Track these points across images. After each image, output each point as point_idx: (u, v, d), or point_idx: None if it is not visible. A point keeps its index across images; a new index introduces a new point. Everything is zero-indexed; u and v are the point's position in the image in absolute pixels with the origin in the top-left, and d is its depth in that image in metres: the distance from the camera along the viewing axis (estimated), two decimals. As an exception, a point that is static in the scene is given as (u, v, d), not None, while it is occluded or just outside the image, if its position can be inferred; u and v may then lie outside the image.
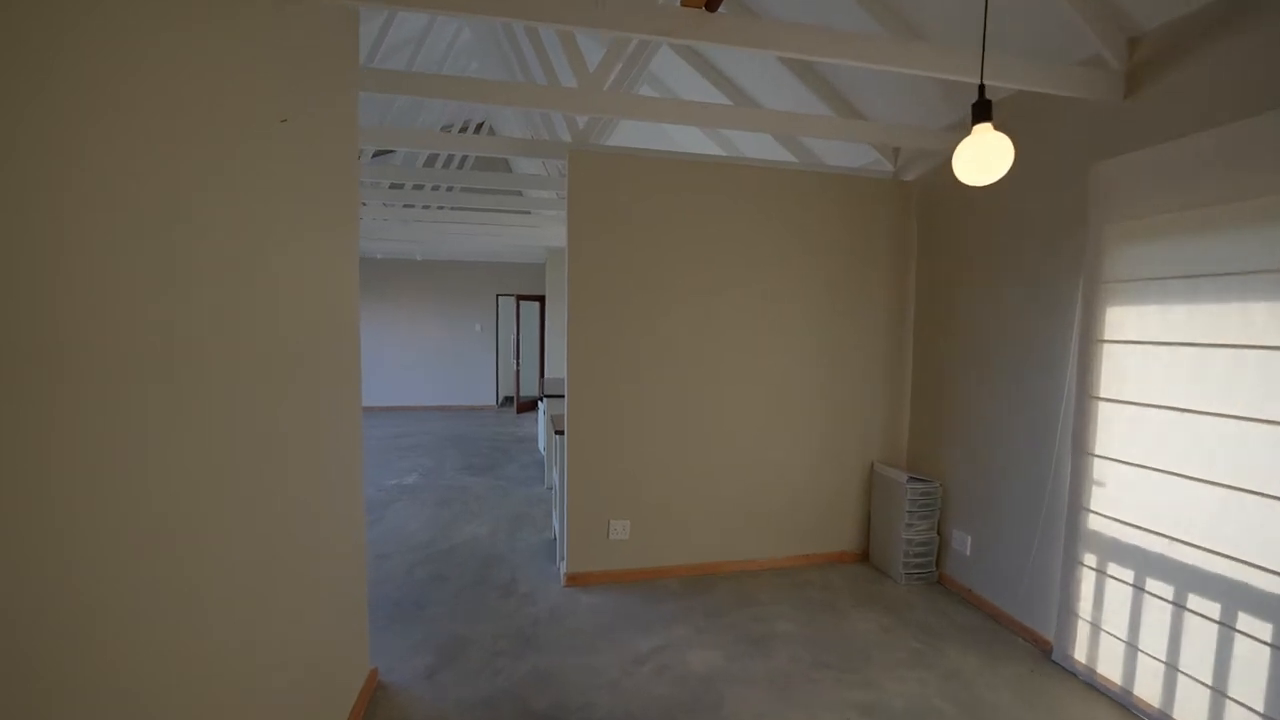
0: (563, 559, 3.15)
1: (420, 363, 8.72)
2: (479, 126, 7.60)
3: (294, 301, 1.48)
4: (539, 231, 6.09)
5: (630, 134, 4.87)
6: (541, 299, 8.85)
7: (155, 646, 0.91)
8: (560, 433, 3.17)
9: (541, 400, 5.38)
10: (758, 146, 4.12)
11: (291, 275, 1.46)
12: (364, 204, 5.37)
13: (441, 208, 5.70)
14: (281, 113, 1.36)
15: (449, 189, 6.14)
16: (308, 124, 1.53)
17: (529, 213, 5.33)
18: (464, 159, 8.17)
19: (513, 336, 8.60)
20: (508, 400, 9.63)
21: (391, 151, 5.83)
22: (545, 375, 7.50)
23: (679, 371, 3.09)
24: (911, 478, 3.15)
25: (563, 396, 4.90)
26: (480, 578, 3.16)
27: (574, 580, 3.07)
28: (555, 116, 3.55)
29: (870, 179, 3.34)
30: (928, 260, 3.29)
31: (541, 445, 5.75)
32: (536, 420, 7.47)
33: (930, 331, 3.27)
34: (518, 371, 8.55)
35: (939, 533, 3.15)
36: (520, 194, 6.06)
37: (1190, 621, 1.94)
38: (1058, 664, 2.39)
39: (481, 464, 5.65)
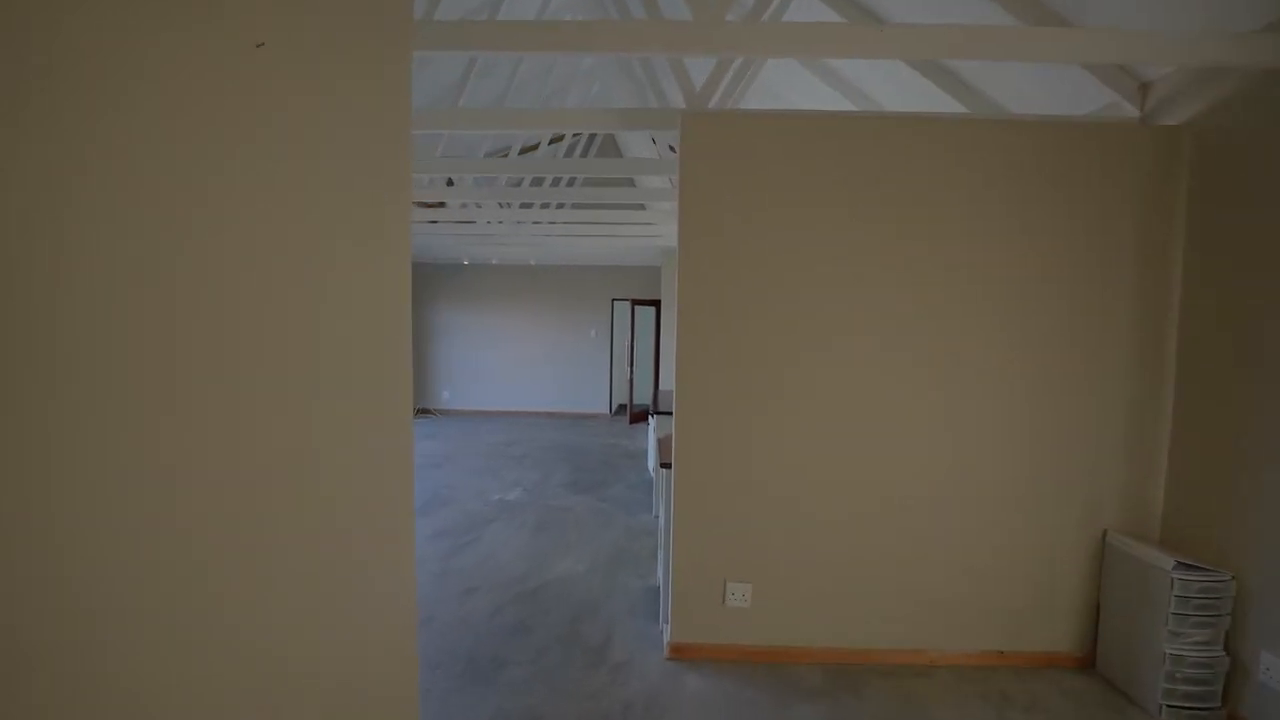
0: (666, 622, 2.55)
1: (535, 368, 8.66)
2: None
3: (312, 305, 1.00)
4: (654, 228, 5.58)
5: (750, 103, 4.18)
6: (657, 303, 8.37)
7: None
8: (667, 466, 2.57)
9: (652, 415, 4.85)
10: (906, 99, 3.20)
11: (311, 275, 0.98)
12: (478, 205, 5.23)
13: (561, 206, 5.41)
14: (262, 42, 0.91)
15: (564, 192, 5.89)
16: (340, 96, 1.02)
17: (643, 206, 4.83)
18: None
19: (627, 342, 8.22)
20: (621, 409, 9.28)
21: (504, 155, 5.71)
22: (659, 386, 6.98)
23: (822, 400, 2.35)
24: (1182, 563, 2.11)
25: (665, 413, 4.33)
26: (570, 633, 2.65)
27: (679, 653, 2.45)
28: (666, 84, 2.99)
29: (1107, 127, 2.35)
30: (1208, 249, 2.21)
31: (651, 464, 5.21)
32: (648, 433, 6.99)
33: (1210, 352, 2.19)
34: (631, 379, 8.15)
35: (1229, 650, 2.08)
36: (632, 182, 5.60)
37: None
38: None
39: (587, 481, 5.25)
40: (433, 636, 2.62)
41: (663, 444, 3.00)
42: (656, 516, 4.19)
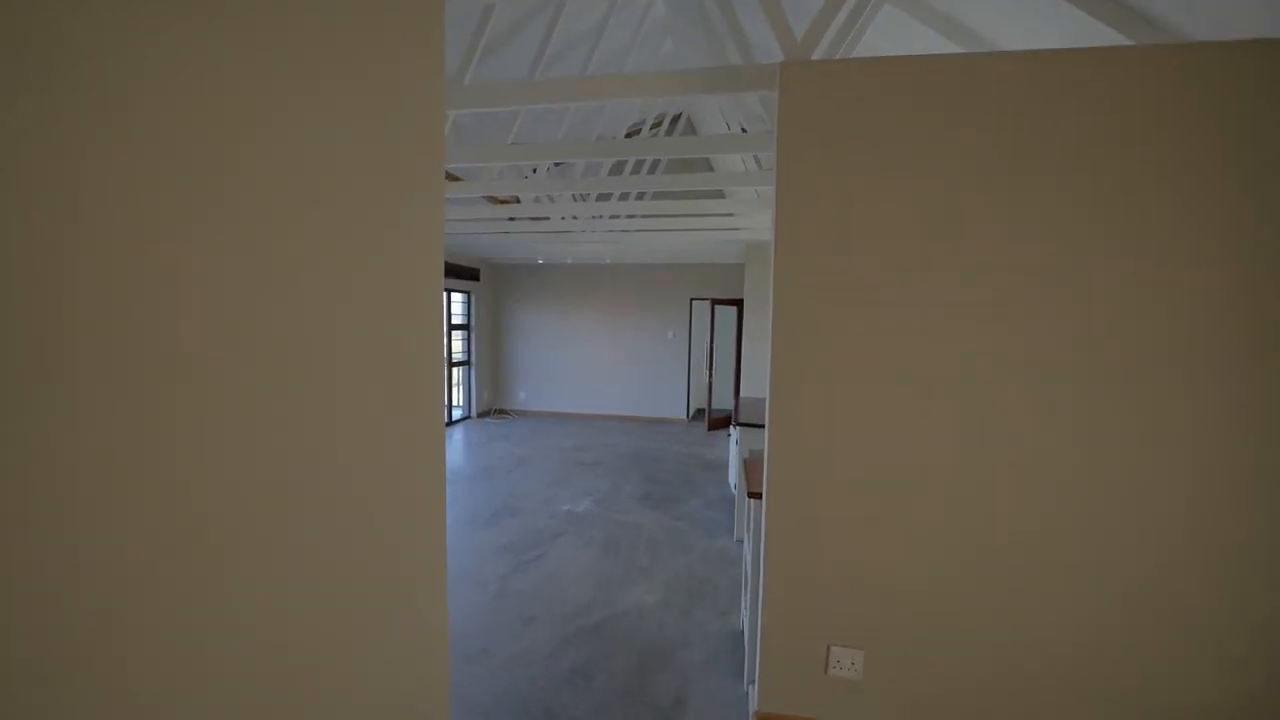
0: (752, 683, 2.11)
1: (610, 370, 8.41)
2: (675, 119, 6.93)
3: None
4: (736, 220, 5.10)
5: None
6: (739, 303, 7.85)
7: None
8: (756, 496, 2.13)
9: (734, 426, 4.38)
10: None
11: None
12: (551, 199, 5.01)
13: (641, 196, 5.09)
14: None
15: (643, 180, 5.55)
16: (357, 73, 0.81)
17: (722, 194, 4.38)
18: (655, 162, 7.60)
19: (706, 344, 7.76)
20: (698, 414, 8.84)
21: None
22: (740, 394, 6.47)
23: (969, 422, 1.81)
24: None
25: (760, 426, 3.84)
26: (636, 686, 2.27)
27: (768, 727, 2.00)
28: (754, 37, 2.53)
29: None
30: None
31: (733, 480, 4.74)
32: (728, 443, 6.49)
33: None
34: (710, 384, 7.68)
35: None
36: (709, 165, 5.15)
37: None
38: None
39: (662, 495, 4.86)
40: (485, 675, 2.33)
41: (749, 467, 2.55)
42: (740, 542, 3.72)
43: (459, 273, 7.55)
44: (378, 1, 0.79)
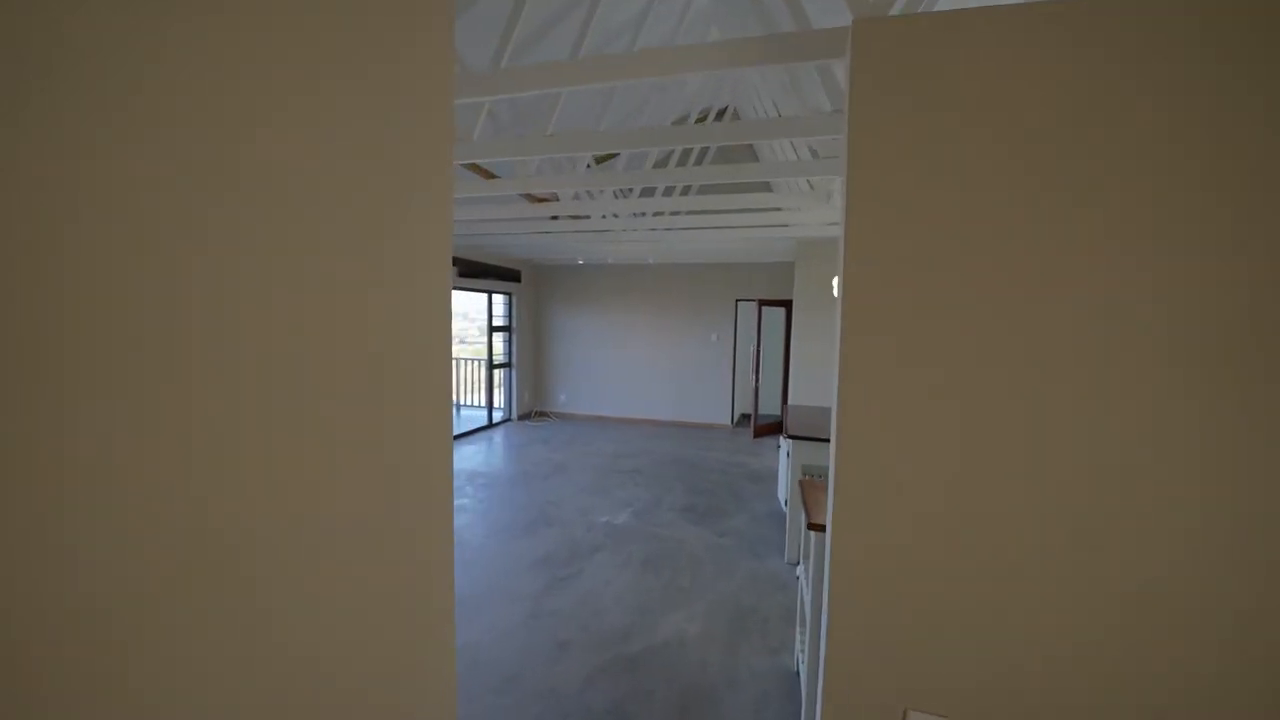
0: (811, 742, 1.83)
1: (652, 374, 8.18)
2: (721, 113, 6.65)
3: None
4: (786, 216, 4.79)
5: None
6: (787, 304, 7.49)
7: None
8: (817, 528, 1.85)
9: (785, 438, 4.07)
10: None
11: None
12: (591, 194, 4.83)
13: (685, 191, 4.83)
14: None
15: (690, 172, 5.31)
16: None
17: (767, 186, 4.09)
18: (702, 152, 7.34)
19: (753, 348, 7.43)
20: (743, 420, 8.50)
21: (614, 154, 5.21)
22: (789, 400, 6.11)
23: (1085, 444, 1.47)
24: None
25: (815, 440, 3.53)
26: (677, 733, 2.03)
27: (832, 798, 1.71)
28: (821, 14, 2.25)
29: None
30: None
31: (783, 494, 4.43)
32: (777, 452, 6.16)
33: None
34: (757, 389, 7.34)
35: None
36: (752, 149, 4.86)
37: None
38: None
39: (705, 506, 4.59)
40: (512, 709, 2.14)
41: (806, 491, 2.26)
42: (793, 565, 3.42)
43: (500, 274, 7.49)
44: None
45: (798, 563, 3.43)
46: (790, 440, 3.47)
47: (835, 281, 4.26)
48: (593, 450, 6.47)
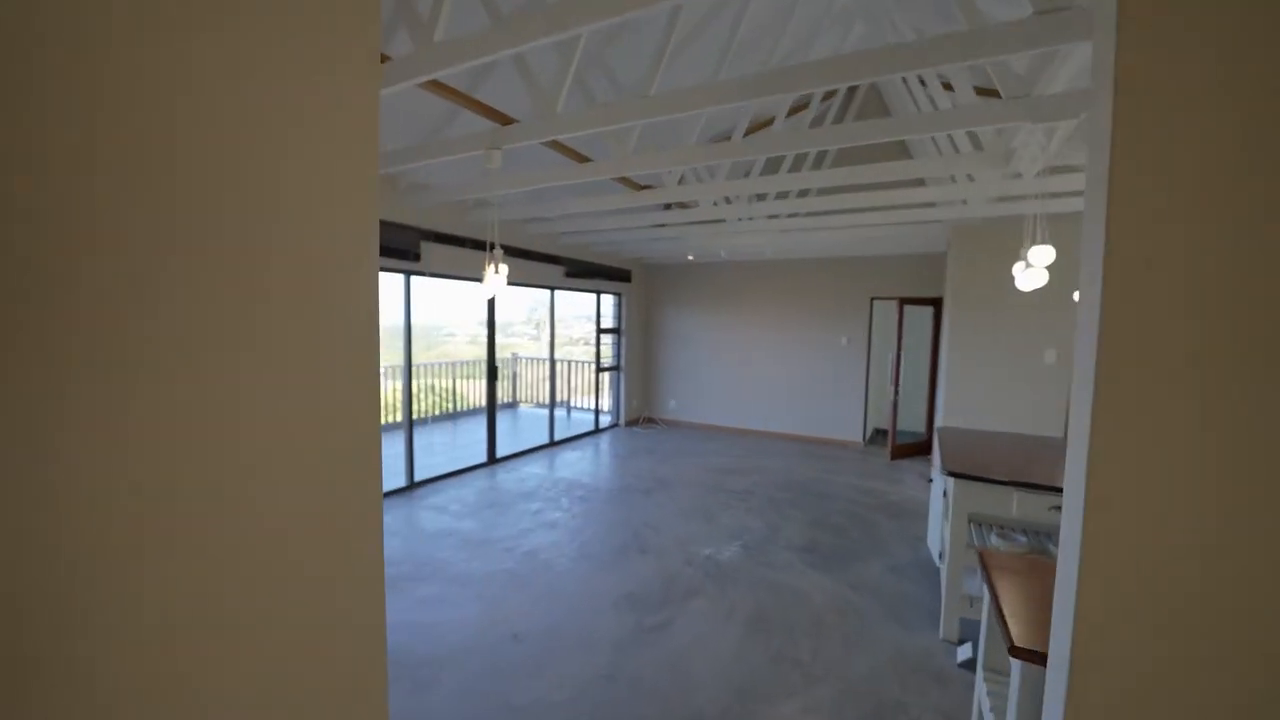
0: None
1: (769, 381, 7.37)
2: (853, 88, 5.70)
3: None
4: (940, 190, 3.84)
5: None
6: (935, 302, 6.31)
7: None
8: (1029, 657, 1.11)
9: (943, 474, 3.18)
10: None
11: None
12: (698, 174, 4.25)
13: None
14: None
15: (817, 160, 4.54)
16: None
17: (907, 153, 3.24)
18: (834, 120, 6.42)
19: (891, 354, 6.36)
20: (877, 436, 7.38)
21: (726, 138, 4.49)
22: (939, 418, 4.98)
23: None
24: None
25: (978, 480, 2.64)
26: None
27: None
28: None
29: None
30: None
31: (935, 541, 3.51)
32: (921, 482, 5.10)
33: None
34: (896, 402, 6.26)
35: None
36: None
37: None
38: None
39: (831, 546, 3.80)
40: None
41: (995, 572, 1.49)
42: (953, 646, 2.57)
43: (608, 274, 7.17)
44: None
45: (959, 644, 2.57)
46: (953, 479, 2.61)
47: (1044, 273, 3.26)
48: (700, 464, 5.87)
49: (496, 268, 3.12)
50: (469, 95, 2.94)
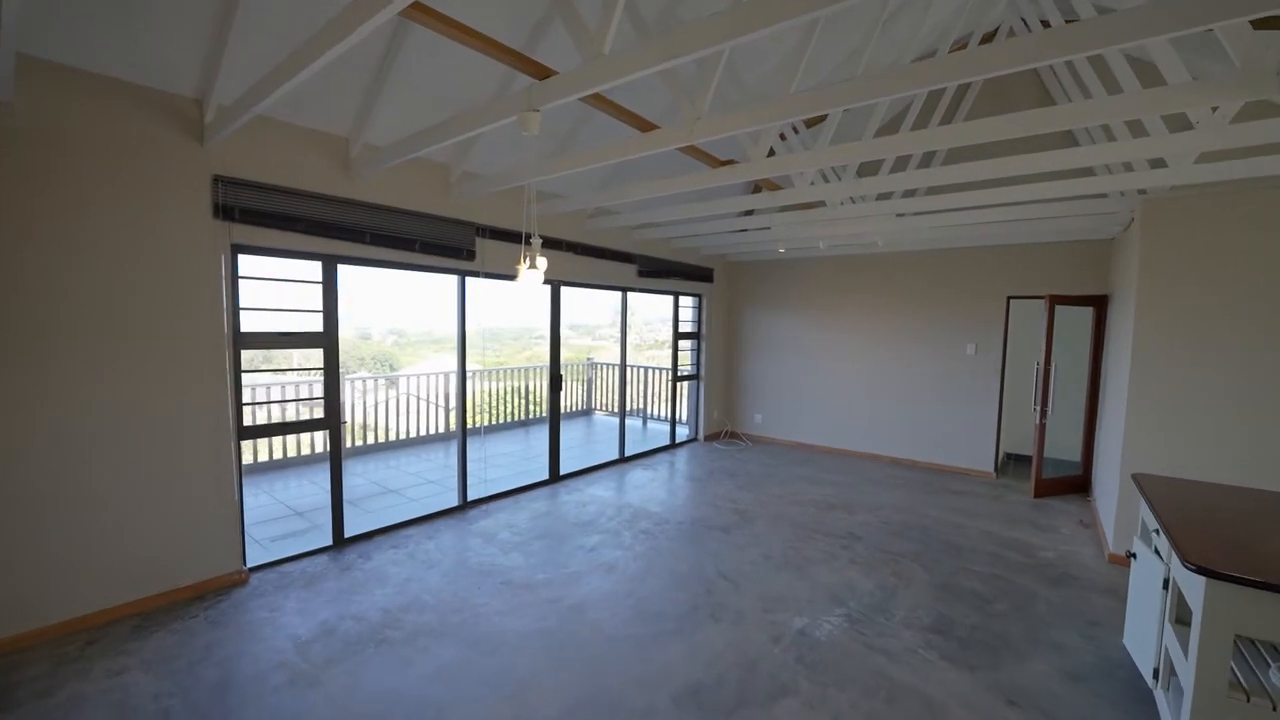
0: None
1: (874, 395, 6.31)
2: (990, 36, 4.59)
3: None
4: (1109, 150, 2.77)
5: None
6: (1099, 301, 5.00)
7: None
8: None
9: (1153, 554, 2.18)
10: None
11: None
12: (785, 139, 3.44)
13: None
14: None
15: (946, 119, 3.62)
16: None
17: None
18: (953, 105, 5.30)
19: (1037, 365, 5.13)
20: (1010, 463, 6.08)
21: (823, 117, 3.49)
22: (1109, 449, 3.72)
23: None
24: None
25: (1260, 587, 1.60)
26: None
27: None
28: None
29: None
30: None
31: (1137, 641, 2.47)
32: (1084, 531, 3.87)
33: None
34: (1042, 425, 5.02)
35: None
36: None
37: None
38: None
39: (969, 627, 2.84)
40: None
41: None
42: None
43: (686, 273, 6.46)
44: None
45: None
46: (1202, 577, 1.65)
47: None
48: (791, 494, 5.00)
49: (533, 262, 2.54)
50: (526, 55, 2.35)
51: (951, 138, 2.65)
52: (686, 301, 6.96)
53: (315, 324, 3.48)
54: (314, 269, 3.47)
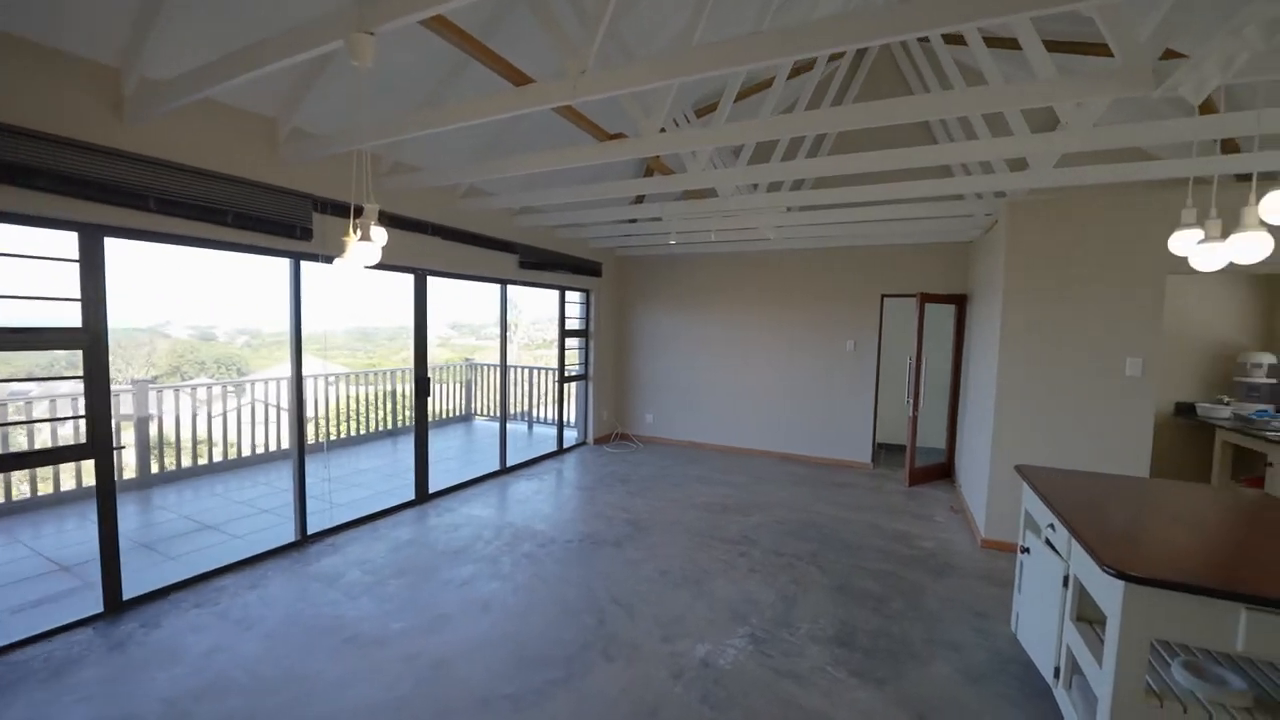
0: None
1: (762, 392, 6.33)
2: (860, 55, 4.69)
3: None
4: (988, 147, 2.82)
5: None
6: (959, 299, 5.35)
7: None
8: None
9: (1050, 552, 2.16)
10: None
11: None
12: (676, 122, 3.16)
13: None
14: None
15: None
16: None
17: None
18: (840, 94, 5.42)
19: (909, 359, 5.37)
20: (883, 453, 6.39)
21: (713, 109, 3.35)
22: (960, 432, 3.90)
23: None
24: None
25: (1185, 590, 1.55)
26: None
27: None
28: None
29: None
30: None
31: (1027, 631, 2.47)
32: (955, 517, 4.03)
33: None
34: (915, 417, 5.26)
35: None
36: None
37: None
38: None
39: (870, 633, 2.73)
40: None
41: None
42: None
43: (575, 266, 6.03)
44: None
45: None
46: (1122, 582, 1.55)
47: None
48: (686, 497, 4.77)
49: (366, 233, 1.97)
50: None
51: (838, 120, 2.49)
52: (574, 297, 6.53)
53: (71, 317, 2.58)
54: (68, 242, 2.58)
